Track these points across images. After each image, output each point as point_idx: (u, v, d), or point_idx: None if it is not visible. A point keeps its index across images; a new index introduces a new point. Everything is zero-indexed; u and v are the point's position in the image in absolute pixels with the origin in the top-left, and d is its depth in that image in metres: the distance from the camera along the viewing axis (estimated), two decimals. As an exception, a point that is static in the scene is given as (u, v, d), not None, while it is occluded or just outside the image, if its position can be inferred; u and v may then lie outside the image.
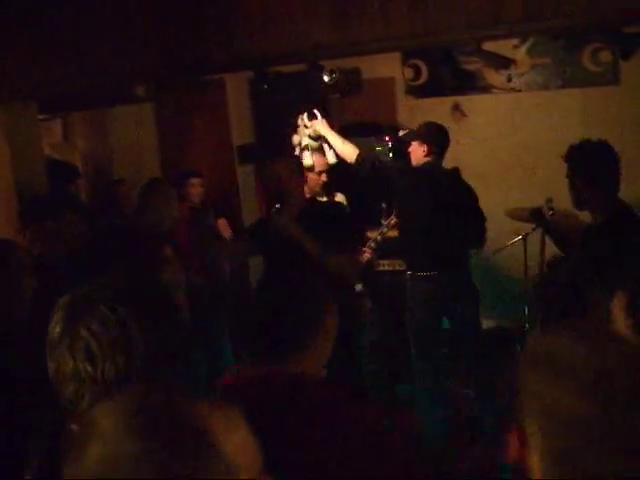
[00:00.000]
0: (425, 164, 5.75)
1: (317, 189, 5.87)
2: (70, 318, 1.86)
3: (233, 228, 7.13)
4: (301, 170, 5.77)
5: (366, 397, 6.00)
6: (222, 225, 6.96)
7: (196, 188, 6.72)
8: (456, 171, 5.88)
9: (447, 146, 5.86)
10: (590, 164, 4.40)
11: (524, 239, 6.80)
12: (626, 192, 4.60)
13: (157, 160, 7.36)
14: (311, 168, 5.73)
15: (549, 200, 6.02)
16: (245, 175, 8.34)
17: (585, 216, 4.86)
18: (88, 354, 1.82)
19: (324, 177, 5.84)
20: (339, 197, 6.07)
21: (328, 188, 5.99)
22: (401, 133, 6.14)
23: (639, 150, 7.23)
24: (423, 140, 5.77)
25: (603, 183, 4.39)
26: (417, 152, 5.79)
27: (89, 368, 1.82)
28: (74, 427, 1.34)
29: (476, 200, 5.86)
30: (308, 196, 5.90)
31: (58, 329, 1.86)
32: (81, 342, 1.83)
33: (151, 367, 1.86)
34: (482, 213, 5.86)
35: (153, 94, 7.09)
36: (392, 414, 5.67)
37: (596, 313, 4.24)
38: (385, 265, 7.07)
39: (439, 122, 6.29)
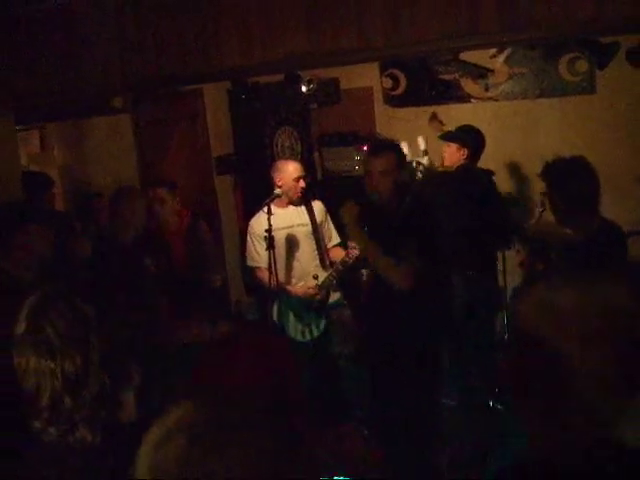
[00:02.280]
0: (462, 166, 5.86)
1: (295, 197, 5.87)
2: (35, 315, 1.90)
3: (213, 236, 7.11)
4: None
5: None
6: (204, 229, 6.95)
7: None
8: (490, 173, 5.98)
9: (483, 149, 5.98)
10: (566, 182, 4.35)
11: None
12: (603, 201, 4.61)
13: (135, 171, 7.32)
14: None
15: (544, 194, 6.07)
16: (223, 185, 8.32)
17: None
18: (50, 350, 1.85)
19: (302, 183, 5.84)
20: (317, 204, 6.06)
21: (307, 195, 5.99)
22: (438, 134, 6.17)
23: (616, 159, 7.28)
24: (463, 144, 5.87)
25: (581, 200, 4.36)
26: (454, 155, 5.90)
27: (50, 363, 1.84)
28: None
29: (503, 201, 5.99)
30: (286, 204, 5.91)
31: (23, 325, 1.89)
32: (44, 338, 1.86)
33: (109, 364, 1.89)
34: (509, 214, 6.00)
35: (130, 105, 7.07)
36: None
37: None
38: (365, 275, 7.07)
39: (418, 131, 6.32)
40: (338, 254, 5.98)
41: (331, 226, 6.15)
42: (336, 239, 6.13)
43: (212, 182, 8.12)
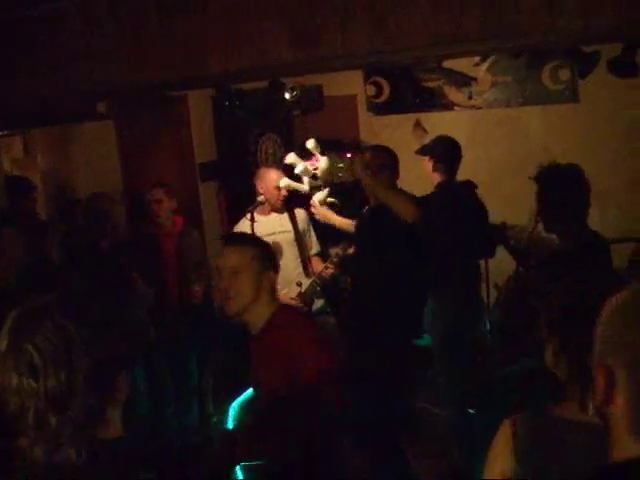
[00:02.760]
0: (440, 185, 5.86)
1: (277, 205, 5.88)
2: (16, 332, 1.86)
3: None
4: None
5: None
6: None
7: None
8: (472, 186, 5.98)
9: (459, 159, 6.01)
10: (560, 189, 4.35)
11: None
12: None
13: (119, 176, 7.30)
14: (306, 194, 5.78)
15: None
16: (207, 192, 8.31)
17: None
18: (32, 369, 1.82)
19: (284, 192, 5.85)
20: (300, 212, 6.06)
21: (288, 203, 6.00)
22: (416, 150, 6.16)
23: (598, 167, 7.31)
24: (435, 157, 5.88)
25: (572, 208, 4.35)
26: (427, 167, 5.92)
27: (33, 383, 1.81)
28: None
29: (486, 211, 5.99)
30: (269, 211, 5.92)
31: (5, 343, 1.86)
32: (26, 357, 1.82)
33: (94, 382, 1.86)
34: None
35: (115, 111, 7.05)
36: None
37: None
38: (345, 282, 7.11)
39: (401, 139, 6.32)
40: (317, 264, 5.99)
41: (313, 234, 6.16)
42: (316, 248, 6.14)
43: (196, 188, 8.10)
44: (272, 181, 5.84)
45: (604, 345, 1.48)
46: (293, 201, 6.09)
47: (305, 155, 5.83)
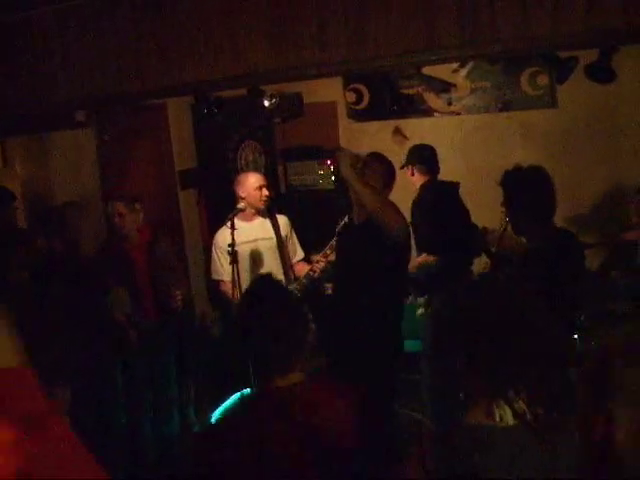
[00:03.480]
0: (423, 186, 5.93)
1: (259, 205, 5.88)
2: None
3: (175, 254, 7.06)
4: None
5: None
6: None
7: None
8: (455, 185, 6.04)
9: (436, 160, 6.25)
10: (524, 190, 4.41)
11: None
12: (562, 211, 4.66)
13: (98, 186, 7.28)
14: None
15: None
16: (187, 200, 8.29)
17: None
18: None
19: (266, 192, 5.86)
20: (282, 219, 6.07)
21: (271, 205, 6.01)
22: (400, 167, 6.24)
23: (576, 171, 7.36)
24: (415, 164, 5.97)
25: (537, 209, 4.41)
26: (414, 176, 6.00)
27: None
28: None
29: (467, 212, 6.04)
30: (251, 217, 5.92)
31: None
32: None
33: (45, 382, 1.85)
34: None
35: (93, 119, 7.03)
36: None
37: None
38: (329, 289, 7.11)
39: (381, 145, 6.33)
40: (302, 269, 5.99)
41: (295, 241, 6.17)
42: (300, 254, 6.15)
43: (176, 196, 8.09)
44: (252, 183, 5.86)
45: (601, 388, 1.51)
46: (275, 207, 6.10)
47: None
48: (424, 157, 6.11)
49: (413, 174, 6.11)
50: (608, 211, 7.42)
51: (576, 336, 4.81)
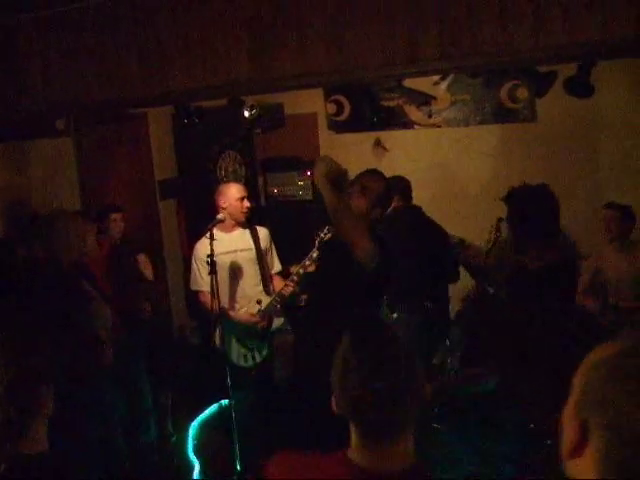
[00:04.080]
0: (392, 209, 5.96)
1: (240, 216, 5.87)
2: None
3: (154, 264, 7.03)
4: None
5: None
6: (142, 261, 6.86)
7: (117, 223, 6.62)
8: (417, 208, 6.07)
9: (409, 190, 6.30)
10: (528, 210, 4.37)
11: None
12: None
13: (77, 194, 7.25)
14: None
15: (500, 220, 6.22)
16: (167, 209, 8.28)
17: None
18: None
19: (247, 203, 5.85)
20: (262, 230, 6.06)
21: (252, 219, 6.00)
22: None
23: (555, 184, 7.39)
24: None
25: (540, 230, 4.38)
26: None
27: None
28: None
29: (445, 234, 6.05)
30: (231, 228, 5.91)
31: None
32: None
33: (15, 393, 1.84)
34: (451, 245, 6.09)
35: (73, 128, 7.01)
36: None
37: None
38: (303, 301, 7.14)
39: (361, 157, 6.35)
40: (278, 283, 5.98)
41: (274, 253, 6.15)
42: (277, 267, 6.13)
43: (155, 206, 8.07)
44: (233, 194, 5.84)
45: (582, 397, 1.39)
46: (255, 219, 6.09)
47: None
48: (401, 188, 6.14)
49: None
50: (587, 225, 7.46)
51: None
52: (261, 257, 5.97)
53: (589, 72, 5.40)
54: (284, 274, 6.08)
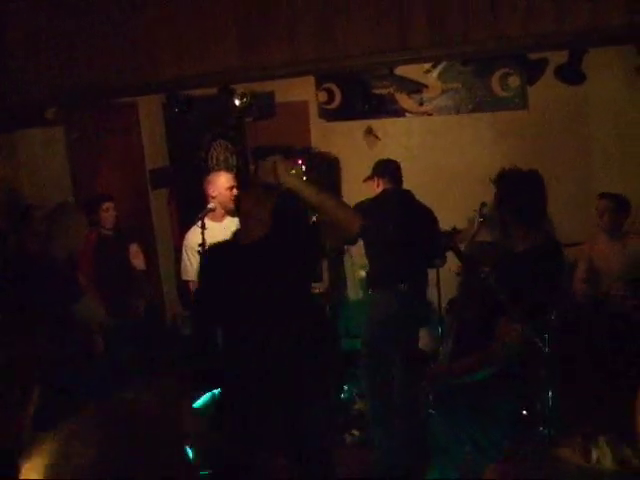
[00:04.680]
0: (382, 192, 5.97)
1: (230, 205, 5.85)
2: None
3: (146, 254, 7.02)
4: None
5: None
6: (134, 251, 6.84)
7: (108, 213, 6.61)
8: (407, 192, 6.08)
9: (399, 172, 6.20)
10: (516, 194, 4.39)
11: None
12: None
13: (68, 184, 7.22)
14: None
15: (483, 204, 6.23)
16: (158, 199, 8.26)
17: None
18: None
19: (236, 192, 5.83)
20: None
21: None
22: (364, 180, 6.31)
23: (546, 172, 7.39)
24: (378, 176, 6.03)
25: (527, 214, 4.40)
26: (372, 187, 6.05)
27: None
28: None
29: (435, 219, 6.13)
30: (222, 217, 5.89)
31: None
32: None
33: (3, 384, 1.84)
34: (439, 230, 6.24)
35: (64, 117, 6.98)
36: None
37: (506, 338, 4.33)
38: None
39: (353, 145, 6.33)
40: None
41: None
42: None
43: (147, 195, 8.05)
44: (222, 183, 5.84)
45: None
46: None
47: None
48: (390, 170, 6.14)
49: (379, 186, 6.15)
50: (578, 213, 7.47)
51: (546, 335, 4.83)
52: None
53: (580, 59, 5.39)
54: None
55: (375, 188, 6.17)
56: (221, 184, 5.83)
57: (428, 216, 6.14)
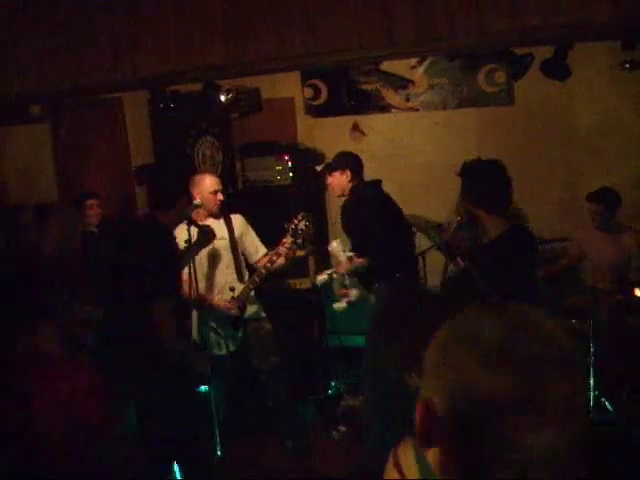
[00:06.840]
0: (351, 189, 5.92)
1: (214, 210, 5.83)
2: None
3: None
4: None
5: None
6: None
7: (94, 210, 6.58)
8: (377, 183, 6.06)
9: (362, 167, 6.07)
10: (480, 183, 4.47)
11: (422, 257, 6.90)
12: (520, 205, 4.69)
13: (54, 181, 7.19)
14: None
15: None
16: (144, 195, 8.23)
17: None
18: None
19: (220, 196, 5.80)
20: (237, 218, 6.02)
21: (225, 208, 5.96)
22: (319, 168, 6.23)
23: (532, 167, 7.42)
24: (342, 168, 5.92)
25: (492, 202, 4.46)
26: (340, 180, 5.94)
27: None
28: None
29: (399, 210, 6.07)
30: (205, 217, 5.86)
31: None
32: None
33: None
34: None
35: (49, 113, 6.94)
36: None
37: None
38: (297, 283, 7.17)
39: (339, 141, 6.30)
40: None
41: (254, 237, 6.10)
42: (263, 250, 6.07)
43: (132, 192, 8.02)
44: (207, 187, 5.79)
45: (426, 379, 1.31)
46: (227, 208, 6.03)
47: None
48: (352, 162, 6.09)
49: (345, 175, 6.07)
50: (564, 206, 7.50)
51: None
52: (235, 245, 5.93)
53: (566, 54, 5.41)
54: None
55: (331, 180, 6.06)
56: (205, 187, 5.78)
57: (397, 205, 6.12)
